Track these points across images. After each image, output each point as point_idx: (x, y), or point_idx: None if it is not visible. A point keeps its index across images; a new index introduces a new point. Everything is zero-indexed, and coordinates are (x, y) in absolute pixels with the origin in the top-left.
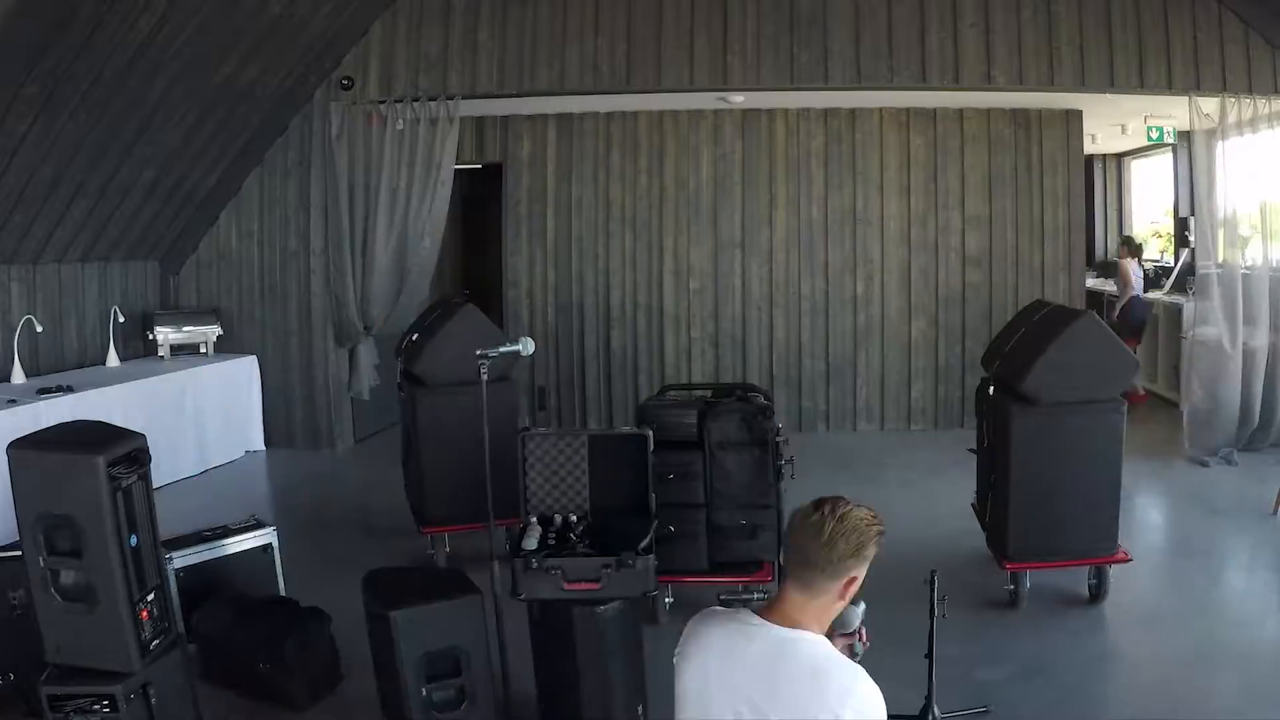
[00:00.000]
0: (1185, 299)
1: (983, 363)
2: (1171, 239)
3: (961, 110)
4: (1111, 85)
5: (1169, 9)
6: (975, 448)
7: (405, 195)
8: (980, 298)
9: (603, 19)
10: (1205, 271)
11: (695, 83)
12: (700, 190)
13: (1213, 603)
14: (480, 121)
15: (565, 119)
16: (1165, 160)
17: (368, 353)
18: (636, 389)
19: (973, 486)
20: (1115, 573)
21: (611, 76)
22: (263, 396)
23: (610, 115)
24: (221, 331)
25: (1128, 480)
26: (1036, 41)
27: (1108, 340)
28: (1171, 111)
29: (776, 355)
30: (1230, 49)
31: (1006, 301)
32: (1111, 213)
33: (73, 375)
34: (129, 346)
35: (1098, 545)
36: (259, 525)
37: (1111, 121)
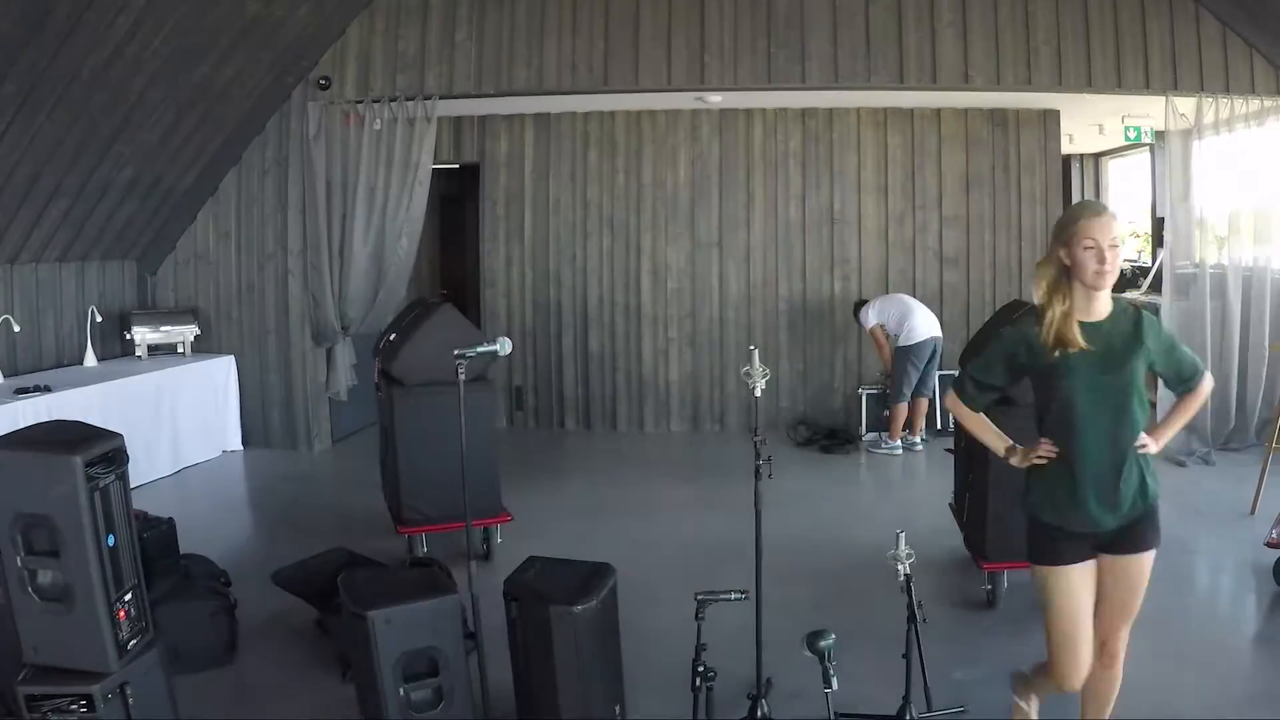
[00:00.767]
0: (1161, 299)
1: (959, 362)
2: (1149, 239)
3: (939, 110)
4: (1089, 85)
5: (1146, 9)
6: (953, 448)
7: (383, 195)
8: (958, 297)
9: (580, 19)
10: (1182, 271)
11: (673, 83)
12: (678, 190)
13: (1190, 603)
14: (458, 121)
15: (543, 119)
16: (1143, 160)
17: (345, 353)
18: (614, 389)
19: (950, 487)
20: None
21: (589, 76)
22: (240, 396)
23: (588, 115)
24: (199, 331)
25: None
26: (1014, 42)
27: None
28: (1149, 111)
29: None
30: (1207, 49)
31: (984, 301)
32: None
33: (50, 375)
34: (106, 346)
35: None
36: None
37: (1089, 121)
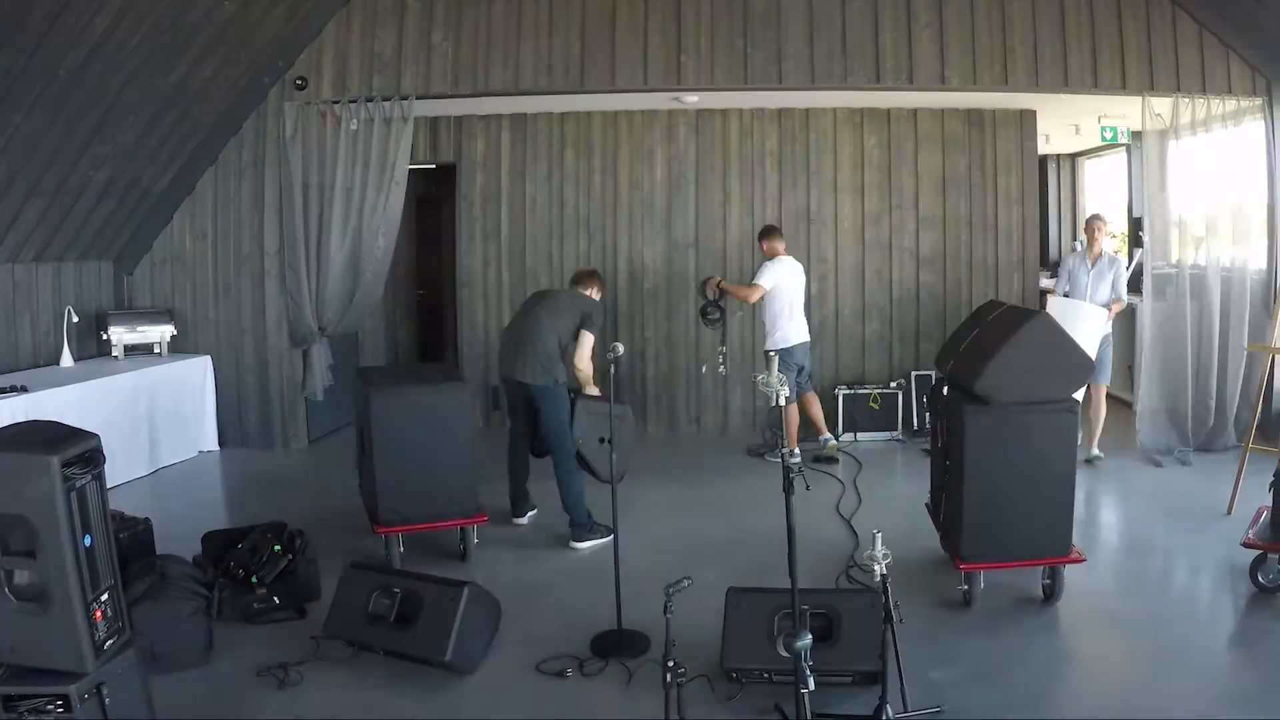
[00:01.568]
0: (1139, 299)
1: (936, 363)
2: (1126, 239)
3: (915, 110)
4: (1065, 85)
5: (1123, 9)
6: (929, 448)
7: (359, 195)
8: (934, 298)
9: (556, 20)
10: (1159, 271)
11: (649, 83)
12: (654, 190)
13: (1168, 603)
14: (434, 121)
15: (519, 119)
16: (1119, 160)
17: (322, 353)
18: None
19: (926, 487)
20: (1070, 573)
21: (565, 77)
22: (217, 397)
23: (564, 115)
24: (175, 332)
25: (1085, 481)
26: (990, 42)
27: (1061, 341)
28: (1125, 112)
29: (730, 356)
30: (1184, 49)
31: (960, 301)
32: (1065, 213)
33: (27, 375)
34: (83, 347)
35: (1052, 545)
36: None
37: (1065, 121)
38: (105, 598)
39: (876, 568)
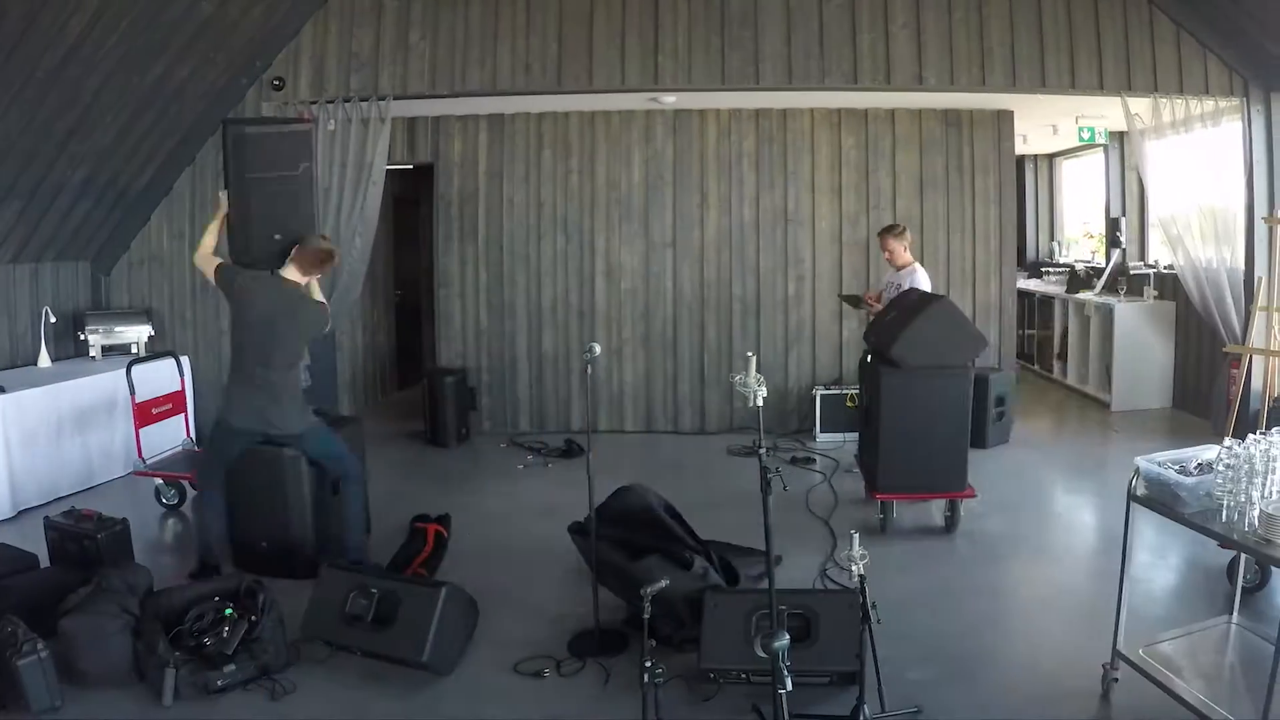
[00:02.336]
0: (1117, 299)
1: (864, 338)
2: (1103, 240)
3: (893, 111)
4: (1043, 85)
5: (1100, 10)
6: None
7: (337, 195)
8: None
9: (534, 20)
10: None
11: (626, 83)
12: (632, 191)
13: (1146, 602)
14: (412, 122)
15: (497, 119)
16: (1097, 160)
17: None
18: (569, 390)
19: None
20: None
21: (543, 77)
22: (194, 397)
23: (542, 116)
24: (153, 332)
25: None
26: (968, 42)
27: (959, 319)
28: (1103, 112)
29: (708, 356)
30: (1161, 49)
31: None
32: (1043, 213)
33: (4, 376)
34: (60, 347)
35: (950, 482)
36: None
37: (1043, 122)
38: None
39: (854, 568)
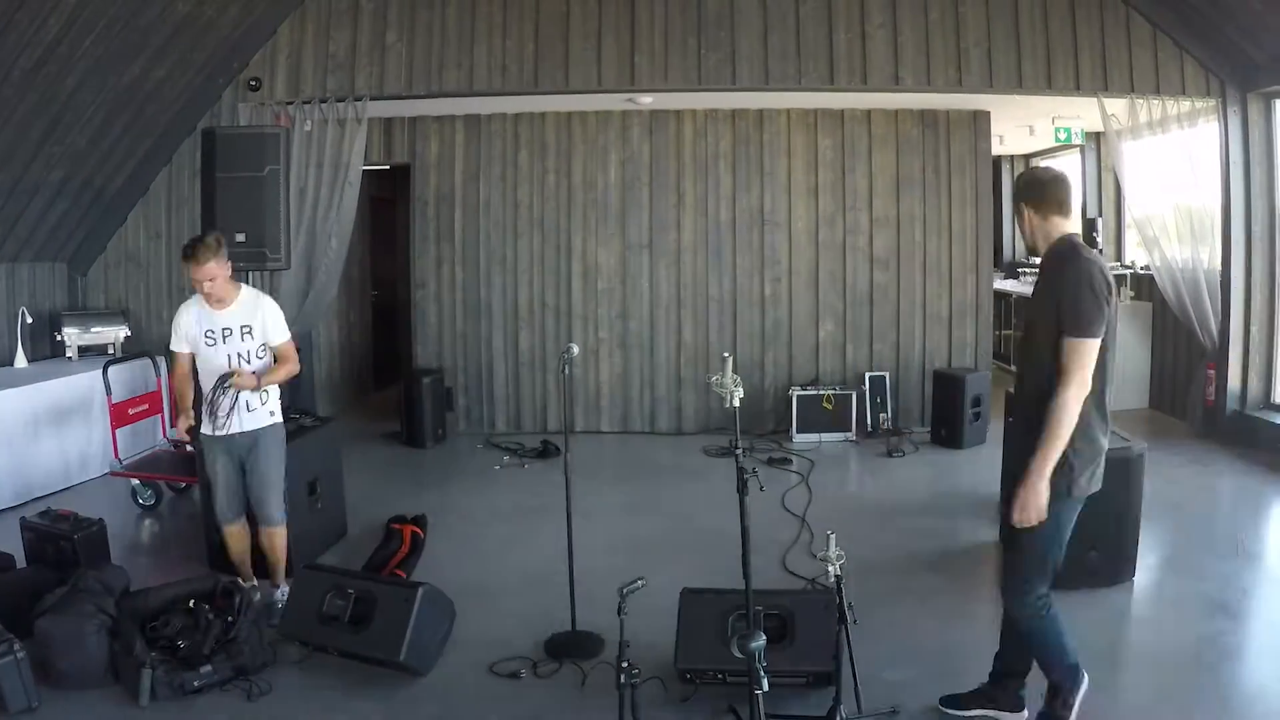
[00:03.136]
0: None
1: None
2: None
3: (869, 111)
4: (1020, 86)
5: (1076, 11)
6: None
7: (313, 196)
8: (888, 299)
9: (510, 21)
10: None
11: (603, 84)
12: (608, 191)
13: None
14: (388, 122)
15: (473, 120)
16: (1073, 161)
17: None
18: (545, 390)
19: (879, 486)
20: None
21: (519, 78)
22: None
23: (518, 116)
24: (129, 332)
25: None
26: (944, 43)
27: None
28: (1079, 113)
29: (684, 356)
30: (1138, 51)
31: (914, 303)
32: None
33: None
34: (37, 348)
35: None
36: None
37: (1019, 123)
38: None
39: (831, 568)
